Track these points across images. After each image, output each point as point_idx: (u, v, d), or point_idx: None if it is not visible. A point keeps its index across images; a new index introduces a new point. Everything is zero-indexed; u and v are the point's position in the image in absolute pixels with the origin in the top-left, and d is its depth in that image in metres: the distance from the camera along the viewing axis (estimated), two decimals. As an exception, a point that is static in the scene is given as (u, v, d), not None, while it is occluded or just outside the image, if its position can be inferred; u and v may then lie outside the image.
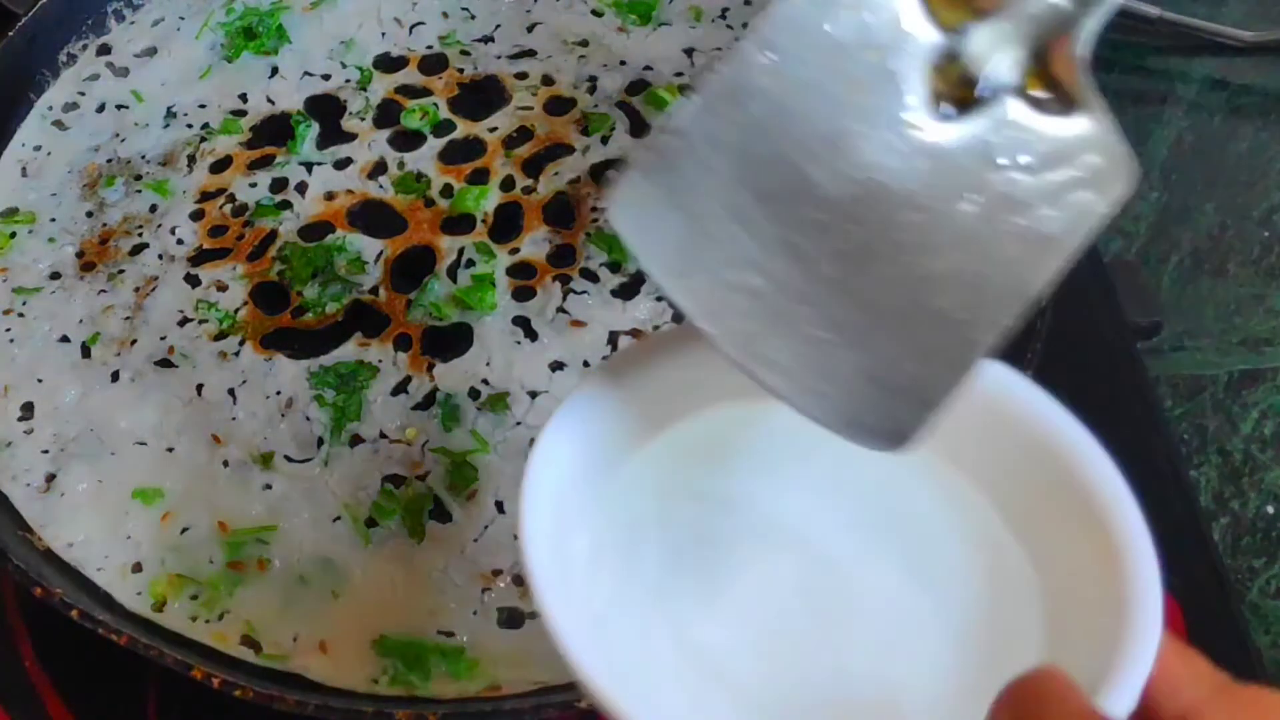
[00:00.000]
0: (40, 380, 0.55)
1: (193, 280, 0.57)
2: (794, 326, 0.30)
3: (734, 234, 0.30)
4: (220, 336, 0.55)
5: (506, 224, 0.58)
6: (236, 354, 0.55)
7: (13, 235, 0.60)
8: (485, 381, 0.53)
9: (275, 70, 0.65)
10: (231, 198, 0.60)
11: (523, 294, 0.56)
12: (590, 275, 0.56)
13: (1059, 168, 0.30)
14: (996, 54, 0.31)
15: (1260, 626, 0.56)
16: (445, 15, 0.67)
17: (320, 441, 0.52)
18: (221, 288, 0.57)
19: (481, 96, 0.64)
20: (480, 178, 0.60)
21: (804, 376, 0.30)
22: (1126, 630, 0.28)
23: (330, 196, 0.60)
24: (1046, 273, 0.30)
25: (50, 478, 0.52)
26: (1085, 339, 0.60)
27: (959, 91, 0.31)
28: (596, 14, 0.67)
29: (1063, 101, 0.30)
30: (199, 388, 0.54)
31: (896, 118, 0.30)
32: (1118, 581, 0.29)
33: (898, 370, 0.30)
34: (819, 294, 0.30)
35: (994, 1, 0.31)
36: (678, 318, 0.37)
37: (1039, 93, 0.30)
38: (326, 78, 0.65)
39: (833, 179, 0.30)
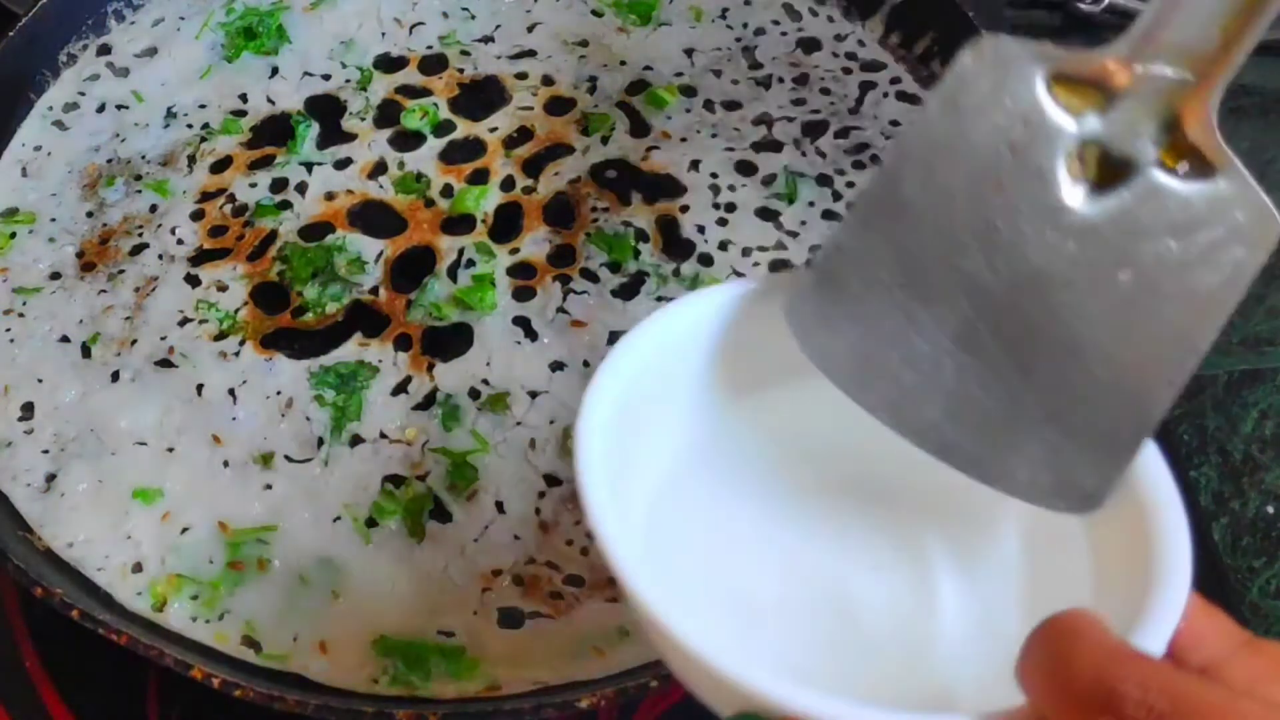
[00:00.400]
0: (40, 380, 0.55)
1: (193, 280, 0.57)
2: (974, 413, 0.33)
3: (905, 337, 0.33)
4: (220, 336, 0.55)
5: (507, 224, 0.58)
6: (237, 354, 0.55)
7: (13, 235, 0.60)
8: (485, 381, 0.53)
9: (275, 70, 0.65)
10: (232, 198, 0.60)
11: (523, 294, 0.56)
12: (590, 275, 0.56)
13: (1206, 229, 0.31)
14: (1130, 132, 0.32)
15: (1260, 626, 0.56)
16: (445, 15, 0.67)
17: (320, 441, 0.52)
18: (222, 288, 0.57)
19: (482, 97, 0.64)
20: (480, 178, 0.60)
21: (992, 461, 0.32)
22: (1158, 578, 0.30)
23: (330, 196, 0.60)
24: (1212, 330, 0.31)
25: (50, 478, 0.52)
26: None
27: (1098, 173, 0.32)
28: (596, 14, 0.67)
29: (1199, 163, 0.31)
30: (199, 388, 0.54)
31: (1042, 207, 0.32)
32: (1151, 537, 0.31)
33: (1082, 441, 0.32)
34: (994, 380, 0.32)
35: (1120, 83, 0.32)
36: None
37: (1175, 159, 0.32)
38: (327, 78, 0.65)
39: (989, 273, 0.32)
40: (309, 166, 0.61)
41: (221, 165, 0.62)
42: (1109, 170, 0.32)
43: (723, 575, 0.35)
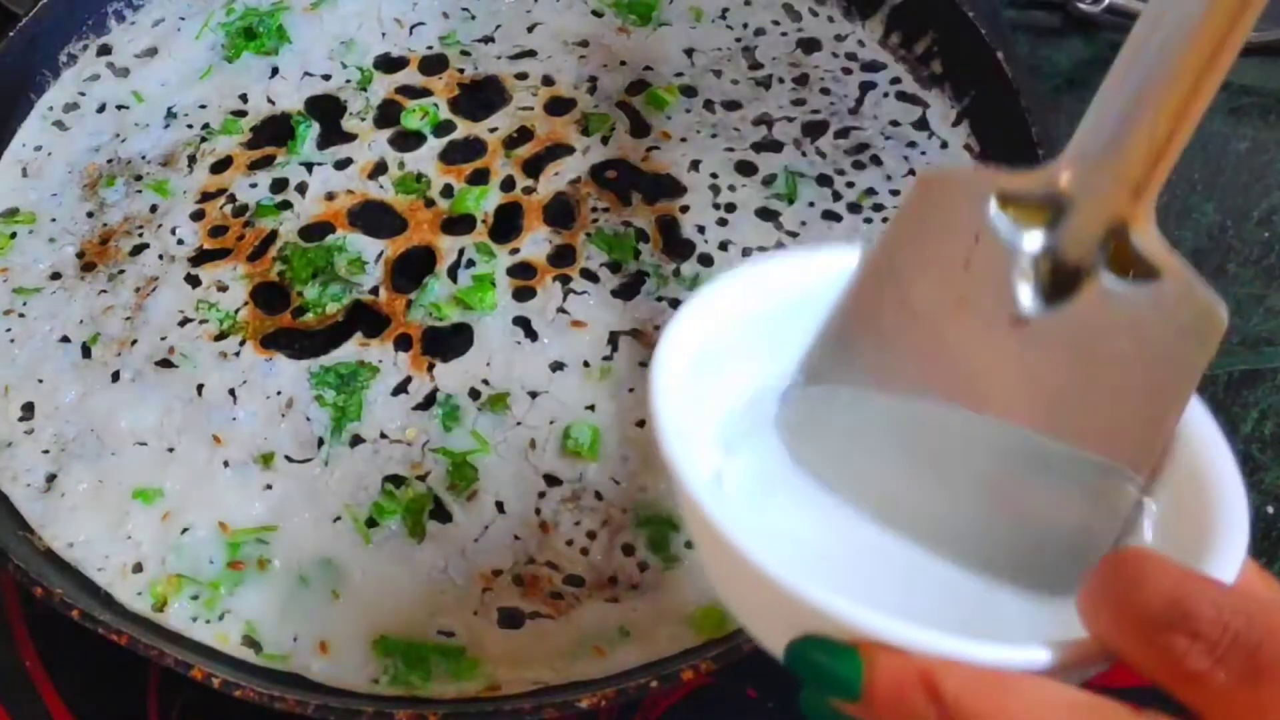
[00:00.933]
0: (40, 380, 0.55)
1: (193, 280, 0.57)
2: (955, 517, 0.34)
3: (887, 447, 0.35)
4: (221, 337, 0.55)
5: (507, 224, 0.58)
6: (237, 354, 0.55)
7: (13, 235, 0.60)
8: (485, 382, 0.53)
9: (275, 70, 0.65)
10: (232, 198, 0.60)
11: (523, 294, 0.56)
12: (590, 275, 0.56)
13: (1159, 327, 0.33)
14: (1077, 244, 0.34)
15: (1260, 626, 0.56)
16: (445, 15, 0.67)
17: (321, 442, 0.52)
18: (222, 288, 0.57)
19: (482, 97, 0.64)
20: (480, 178, 0.60)
21: (975, 553, 0.34)
22: (1219, 518, 0.31)
23: (330, 197, 0.60)
24: (1173, 417, 0.33)
25: (51, 478, 0.52)
26: (1085, 339, 0.60)
27: (1051, 283, 0.34)
28: (597, 14, 0.67)
29: (1145, 267, 0.33)
30: (199, 388, 0.54)
31: (1001, 320, 0.34)
32: (1206, 487, 0.32)
33: (1055, 538, 0.33)
34: (970, 487, 0.34)
35: (1063, 198, 0.34)
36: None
37: (1123, 265, 0.33)
38: (327, 78, 0.65)
39: (957, 385, 0.34)
40: (309, 167, 0.61)
41: (222, 165, 0.62)
42: (1062, 281, 0.34)
43: (784, 522, 0.35)
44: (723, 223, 0.58)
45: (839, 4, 0.66)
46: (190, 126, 0.63)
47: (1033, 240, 0.34)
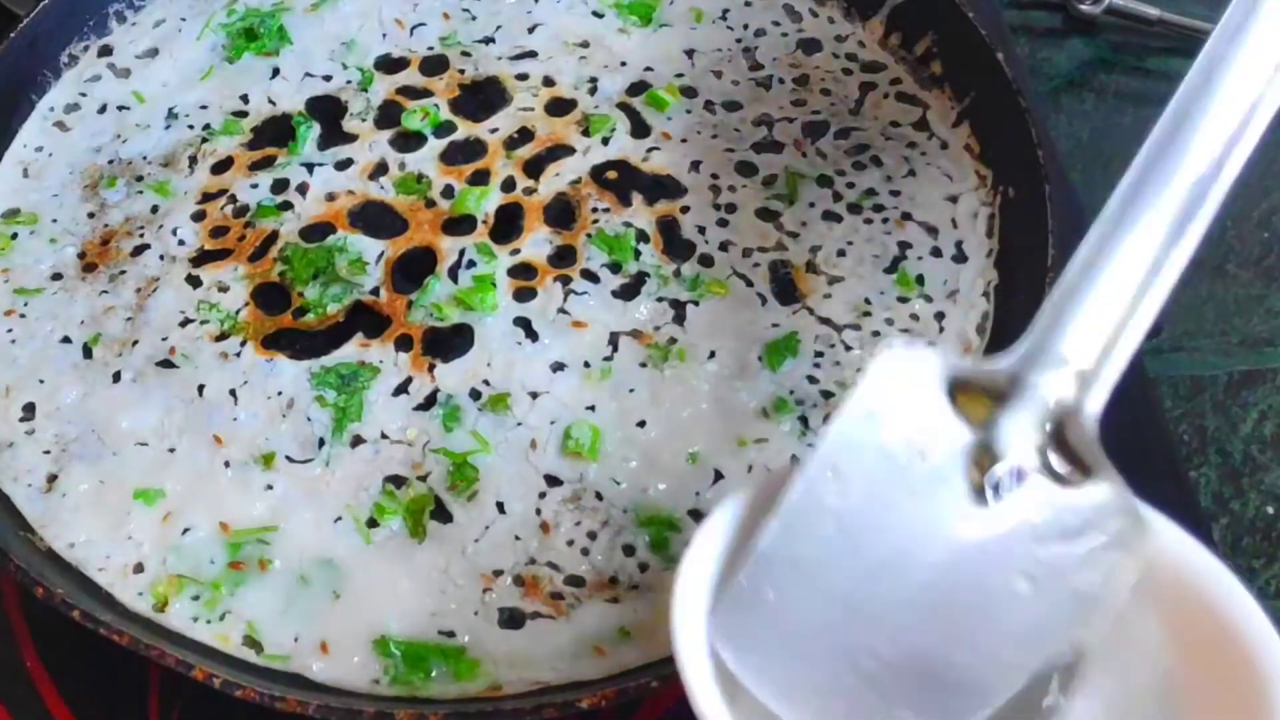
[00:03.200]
0: (42, 381, 0.55)
1: (194, 281, 0.57)
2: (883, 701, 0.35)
3: (824, 642, 0.35)
4: (221, 337, 0.55)
5: (507, 225, 0.58)
6: (238, 354, 0.55)
7: (14, 236, 0.60)
8: (486, 382, 0.53)
9: (276, 71, 0.65)
10: (233, 198, 0.60)
11: (523, 295, 0.56)
12: (591, 276, 0.56)
13: (1089, 534, 0.34)
14: (1019, 439, 0.35)
15: (1260, 627, 0.56)
16: (446, 16, 0.67)
17: (321, 442, 0.52)
18: (223, 288, 0.57)
19: (482, 98, 0.64)
20: (481, 179, 0.60)
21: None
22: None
23: (331, 197, 0.60)
24: (1098, 627, 0.34)
25: (52, 478, 0.52)
26: (1085, 340, 0.60)
27: (994, 481, 0.35)
28: (597, 15, 0.67)
29: (1080, 469, 0.35)
30: (200, 388, 0.54)
31: (949, 513, 0.35)
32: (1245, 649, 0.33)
33: (970, 689, 0.35)
34: (898, 680, 0.35)
35: (1009, 394, 0.35)
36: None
37: (1060, 466, 0.35)
38: (328, 79, 0.65)
39: (903, 577, 0.35)
40: (310, 167, 0.61)
41: (223, 166, 0.62)
42: (1003, 477, 0.35)
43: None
44: (723, 223, 0.58)
45: (839, 5, 0.66)
46: (191, 127, 0.63)
47: (978, 432, 0.35)
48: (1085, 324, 0.35)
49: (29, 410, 0.54)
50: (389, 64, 0.65)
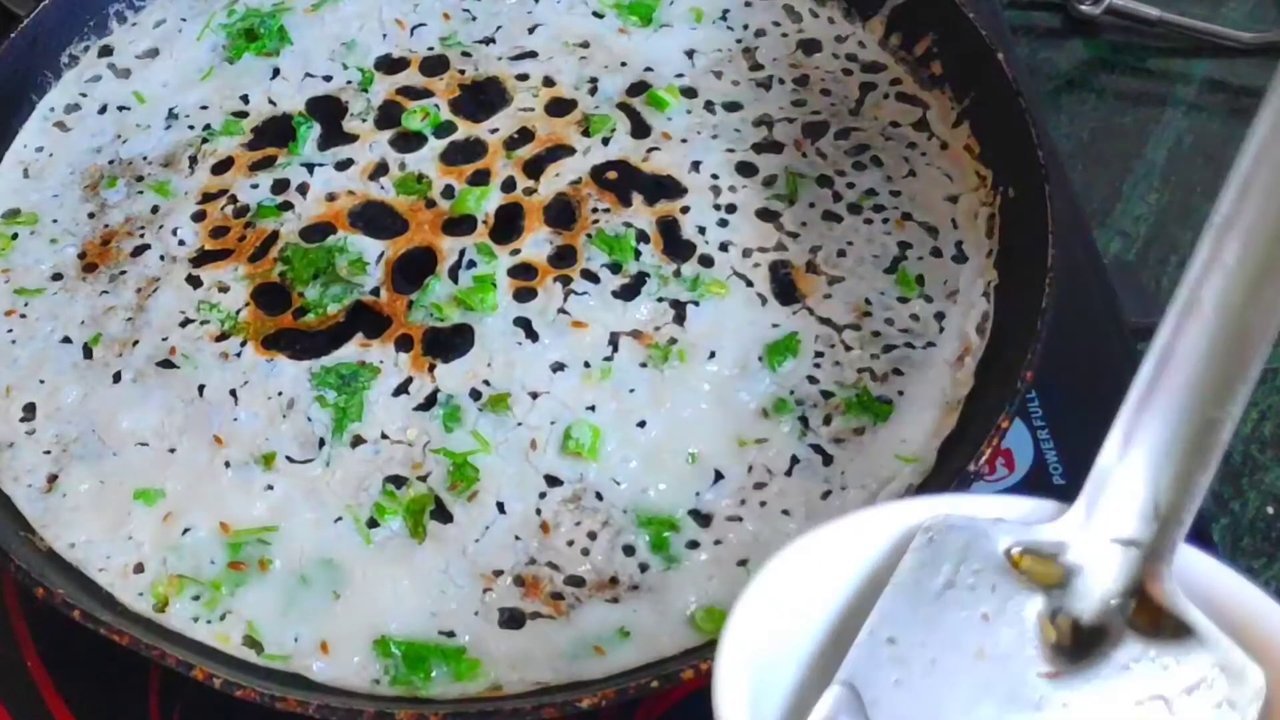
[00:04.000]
0: (42, 381, 0.55)
1: (194, 281, 0.57)
2: None
3: None
4: (222, 337, 0.56)
5: (507, 225, 0.58)
6: (238, 355, 0.55)
7: (14, 236, 0.60)
8: (486, 382, 0.53)
9: (277, 71, 0.65)
10: (233, 199, 0.60)
11: (524, 295, 0.56)
12: (591, 276, 0.56)
13: (1194, 693, 0.31)
14: (1097, 600, 0.32)
15: (1260, 627, 0.56)
16: (446, 17, 0.67)
17: (322, 442, 0.52)
18: (223, 289, 0.57)
19: (482, 98, 0.64)
20: (481, 179, 0.60)
21: None
22: None
23: (332, 198, 0.60)
24: None
25: (52, 478, 0.52)
26: (1085, 339, 0.60)
27: (1073, 640, 0.32)
28: (598, 15, 0.67)
29: (1172, 627, 0.32)
30: (200, 388, 0.54)
31: (1023, 676, 0.32)
32: None
33: None
34: None
35: (1078, 555, 0.32)
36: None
37: (1147, 621, 0.32)
38: (328, 79, 0.65)
39: None
40: (310, 167, 0.61)
41: (223, 166, 0.62)
42: (1084, 637, 0.32)
43: None
44: (723, 224, 0.58)
45: (839, 5, 0.66)
46: (191, 127, 0.63)
47: (1050, 596, 0.33)
48: (1149, 471, 0.32)
49: (29, 410, 0.54)
50: (389, 64, 0.65)
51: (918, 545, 0.34)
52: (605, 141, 0.61)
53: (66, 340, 0.56)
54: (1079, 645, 0.32)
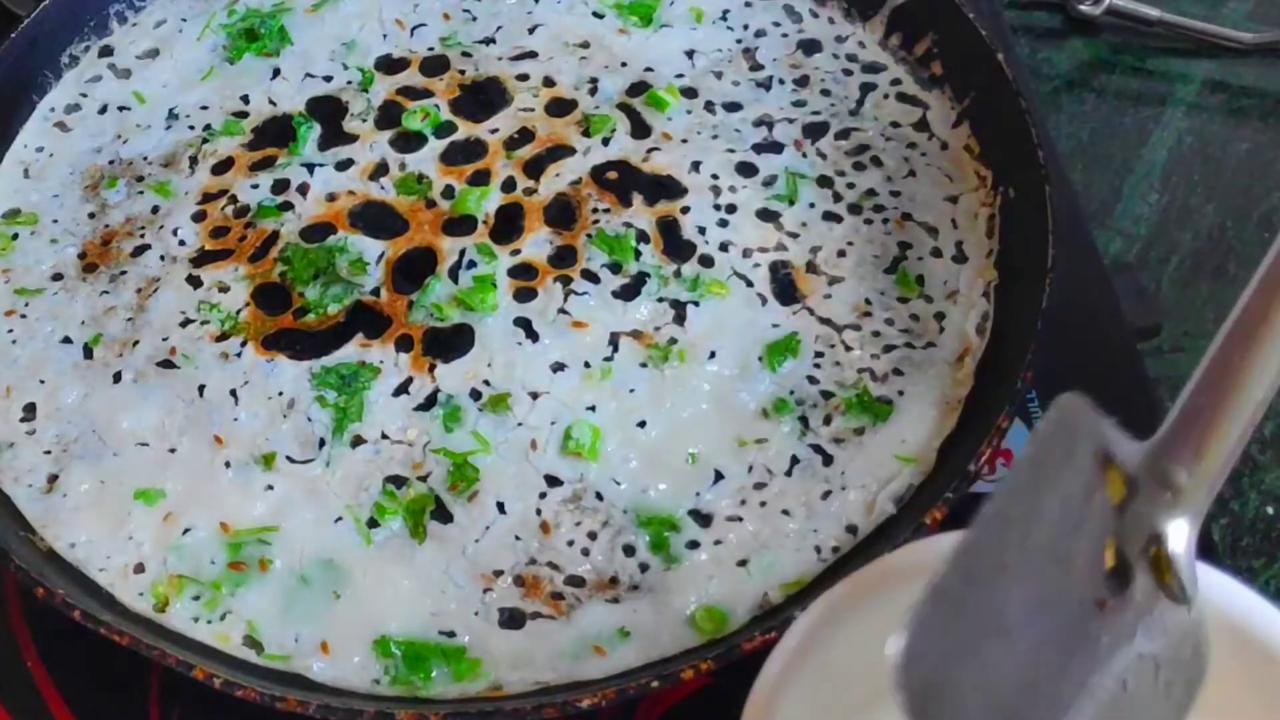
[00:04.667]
0: (42, 381, 0.55)
1: (194, 281, 0.57)
2: None
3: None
4: (222, 337, 0.56)
5: (508, 225, 0.59)
6: (238, 355, 0.55)
7: (15, 236, 0.60)
8: (486, 382, 0.54)
9: (277, 72, 0.65)
10: (233, 199, 0.60)
11: (524, 295, 0.56)
12: (591, 276, 0.56)
13: (1170, 664, 0.32)
14: (1134, 535, 0.32)
15: (1260, 627, 0.56)
16: (447, 17, 0.67)
17: (322, 442, 0.52)
18: (223, 289, 0.57)
19: (483, 98, 0.64)
20: (481, 179, 0.60)
21: None
22: None
23: (332, 198, 0.60)
24: None
25: (52, 478, 0.52)
26: (1085, 340, 0.60)
27: (1114, 568, 0.32)
28: (598, 16, 0.67)
29: (1176, 583, 0.32)
30: (201, 389, 0.54)
31: (1078, 600, 0.32)
32: None
33: None
34: None
35: (1133, 485, 0.32)
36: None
37: (1161, 572, 0.32)
38: (328, 79, 0.65)
39: (1020, 638, 0.31)
40: (310, 168, 0.61)
41: (223, 166, 0.62)
42: (1122, 567, 0.32)
43: None
44: (723, 224, 0.58)
45: (839, 5, 0.66)
46: (192, 128, 0.63)
47: (1112, 516, 0.32)
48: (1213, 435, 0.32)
49: (30, 411, 0.54)
50: (389, 64, 0.66)
51: (1043, 427, 0.32)
52: (605, 142, 0.61)
53: (67, 340, 0.56)
54: (1118, 575, 0.32)
